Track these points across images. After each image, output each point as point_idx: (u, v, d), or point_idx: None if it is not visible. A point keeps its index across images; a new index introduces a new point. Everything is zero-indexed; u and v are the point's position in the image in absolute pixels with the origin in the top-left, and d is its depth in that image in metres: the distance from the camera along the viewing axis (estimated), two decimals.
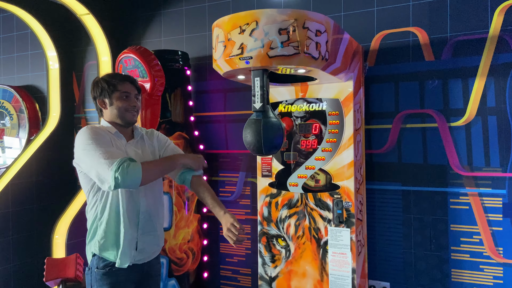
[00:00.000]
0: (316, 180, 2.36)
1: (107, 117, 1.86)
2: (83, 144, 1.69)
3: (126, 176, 1.60)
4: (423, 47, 2.54)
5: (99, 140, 1.70)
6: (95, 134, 1.72)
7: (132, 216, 1.80)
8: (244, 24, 1.79)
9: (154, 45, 3.37)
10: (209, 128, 3.20)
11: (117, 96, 1.82)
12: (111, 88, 1.82)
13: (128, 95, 1.83)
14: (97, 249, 1.80)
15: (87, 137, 1.70)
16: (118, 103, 1.82)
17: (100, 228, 1.80)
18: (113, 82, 1.82)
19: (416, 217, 2.58)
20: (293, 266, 2.43)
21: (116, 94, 1.82)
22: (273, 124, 1.89)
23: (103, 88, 1.83)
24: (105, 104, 1.84)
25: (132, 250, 1.81)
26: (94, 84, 1.87)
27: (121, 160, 1.63)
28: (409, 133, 2.59)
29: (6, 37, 4.09)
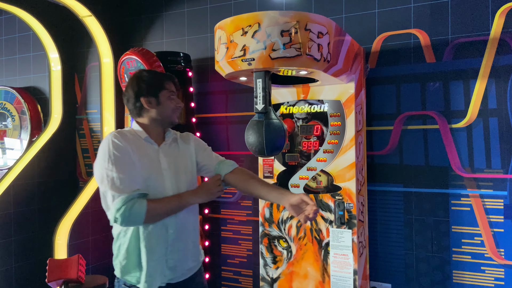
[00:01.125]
0: (318, 181, 2.36)
1: (148, 118, 1.67)
2: (101, 159, 1.53)
3: (127, 218, 1.47)
4: (424, 49, 2.55)
5: (118, 160, 1.51)
6: (116, 149, 1.53)
7: (160, 231, 1.59)
8: (246, 26, 1.79)
9: (156, 46, 3.38)
10: (211, 130, 3.20)
11: (166, 95, 1.67)
12: (159, 86, 1.66)
13: (174, 94, 1.70)
14: (119, 272, 1.64)
15: (106, 151, 1.53)
16: (168, 103, 1.67)
17: (122, 247, 1.61)
18: (161, 80, 1.68)
19: (417, 219, 2.58)
20: (294, 267, 2.43)
21: (164, 93, 1.66)
22: (275, 125, 1.89)
23: (150, 85, 1.65)
24: (150, 103, 1.65)
25: (163, 269, 1.59)
26: (137, 79, 1.67)
27: (128, 198, 1.46)
28: (411, 134, 2.60)
29: (8, 39, 4.10)
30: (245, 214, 3.09)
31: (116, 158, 1.51)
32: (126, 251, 1.60)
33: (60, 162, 3.59)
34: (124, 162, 1.52)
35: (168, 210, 1.58)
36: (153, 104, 1.65)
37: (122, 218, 1.46)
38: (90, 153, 3.71)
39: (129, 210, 1.45)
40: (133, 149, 1.57)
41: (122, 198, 1.45)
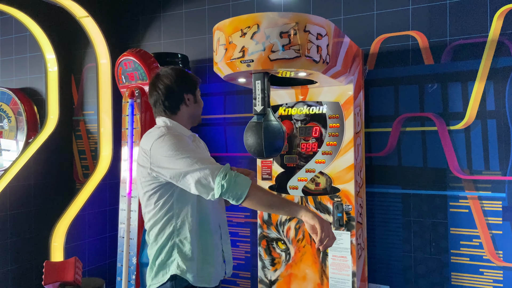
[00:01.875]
0: (316, 183, 2.35)
1: (184, 116, 1.67)
2: (174, 150, 1.49)
3: (234, 185, 1.42)
4: (423, 51, 2.55)
5: (190, 147, 1.53)
6: (182, 140, 1.54)
7: (216, 227, 1.67)
8: (245, 27, 1.79)
9: (154, 47, 3.37)
10: (209, 131, 3.19)
11: (199, 94, 1.73)
12: (196, 84, 1.71)
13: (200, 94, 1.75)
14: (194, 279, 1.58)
15: (175, 143, 1.51)
16: (200, 102, 1.73)
17: (185, 246, 1.57)
18: (196, 79, 1.72)
19: (416, 221, 2.58)
20: (293, 269, 2.42)
21: (198, 92, 1.72)
22: (274, 127, 1.89)
23: (192, 82, 1.69)
24: (189, 100, 1.68)
25: (221, 263, 1.67)
26: (182, 74, 1.68)
27: (227, 168, 1.46)
28: (409, 136, 2.60)
29: (5, 40, 4.08)
30: (243, 216, 3.08)
31: (189, 145, 1.54)
32: (190, 249, 1.56)
33: (57, 163, 3.56)
34: (196, 148, 1.59)
35: (271, 201, 1.48)
36: (191, 101, 1.69)
37: (228, 184, 1.41)
38: (87, 155, 3.69)
39: (234, 178, 1.43)
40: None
41: (222, 168, 1.45)
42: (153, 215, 1.60)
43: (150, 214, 1.61)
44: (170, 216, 1.58)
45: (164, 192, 1.58)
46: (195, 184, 1.46)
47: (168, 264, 1.59)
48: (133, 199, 2.67)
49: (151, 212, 1.61)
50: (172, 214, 1.58)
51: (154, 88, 1.68)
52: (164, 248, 1.59)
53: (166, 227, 1.59)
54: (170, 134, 1.55)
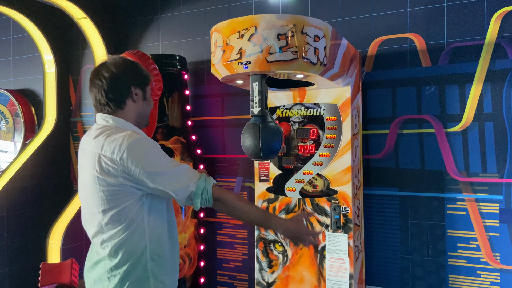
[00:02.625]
0: (314, 185, 2.35)
1: (130, 113, 1.47)
2: (157, 157, 1.40)
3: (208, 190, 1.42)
4: (420, 53, 2.55)
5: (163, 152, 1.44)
6: (154, 143, 1.44)
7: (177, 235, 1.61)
8: (243, 29, 1.79)
9: (152, 49, 3.37)
10: (207, 133, 3.19)
11: (150, 92, 1.53)
12: (148, 80, 1.50)
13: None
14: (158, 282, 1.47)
15: (156, 148, 1.42)
16: (150, 101, 1.53)
17: (161, 258, 1.47)
18: (149, 75, 1.53)
19: (413, 223, 2.58)
20: (290, 271, 2.42)
21: (149, 89, 1.52)
22: (272, 129, 1.89)
23: (143, 76, 1.48)
24: (137, 96, 1.46)
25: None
26: (132, 65, 1.48)
27: (203, 175, 1.44)
28: (406, 138, 2.60)
29: (3, 41, 4.07)
30: None
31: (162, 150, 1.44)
32: (164, 261, 1.48)
33: (54, 165, 3.56)
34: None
35: (245, 210, 1.48)
36: (140, 97, 1.48)
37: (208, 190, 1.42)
38: None
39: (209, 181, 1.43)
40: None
41: (202, 175, 1.43)
42: (118, 231, 1.40)
43: (113, 230, 1.40)
44: (142, 230, 1.42)
45: (133, 204, 1.41)
46: (182, 193, 1.40)
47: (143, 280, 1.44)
48: None
49: (114, 229, 1.40)
50: (144, 228, 1.42)
51: (97, 76, 1.43)
52: (137, 265, 1.43)
53: (138, 242, 1.42)
54: (141, 139, 1.40)
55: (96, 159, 1.37)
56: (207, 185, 1.42)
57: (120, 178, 1.36)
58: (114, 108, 1.45)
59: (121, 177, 1.36)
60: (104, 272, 1.42)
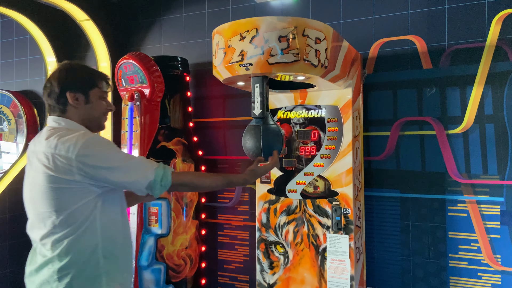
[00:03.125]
0: (315, 186, 2.36)
1: (73, 118, 1.48)
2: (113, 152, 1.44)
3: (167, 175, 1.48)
4: (421, 55, 2.56)
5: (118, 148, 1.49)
6: (107, 140, 1.49)
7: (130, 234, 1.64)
8: (244, 31, 1.80)
9: (154, 51, 3.38)
10: (208, 134, 3.20)
11: (97, 95, 1.51)
12: (91, 82, 1.49)
13: (105, 95, 1.56)
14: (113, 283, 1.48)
15: (110, 144, 1.46)
16: (99, 103, 1.52)
17: (114, 256, 1.49)
18: (93, 76, 1.52)
19: (414, 224, 2.58)
20: (291, 273, 2.42)
21: (95, 91, 1.50)
22: (273, 130, 1.89)
23: (80, 79, 1.48)
24: (78, 100, 1.47)
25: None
26: (66, 70, 1.48)
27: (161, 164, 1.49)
28: (407, 140, 2.60)
29: (5, 42, 4.10)
30: (242, 219, 3.08)
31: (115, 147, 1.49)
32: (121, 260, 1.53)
33: None
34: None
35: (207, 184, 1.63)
36: (81, 101, 1.48)
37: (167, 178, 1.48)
38: None
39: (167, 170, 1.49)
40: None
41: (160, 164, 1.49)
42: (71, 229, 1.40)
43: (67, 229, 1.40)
44: (93, 228, 1.43)
45: (88, 202, 1.42)
46: (144, 184, 1.44)
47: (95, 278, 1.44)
48: None
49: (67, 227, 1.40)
50: (96, 226, 1.43)
51: (47, 80, 1.50)
52: (88, 263, 1.42)
53: (89, 240, 1.43)
54: (95, 137, 1.43)
55: (50, 159, 1.37)
56: (165, 172, 1.47)
57: (76, 176, 1.37)
58: (60, 112, 1.48)
59: (77, 175, 1.37)
60: (53, 274, 1.40)
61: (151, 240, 2.70)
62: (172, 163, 2.82)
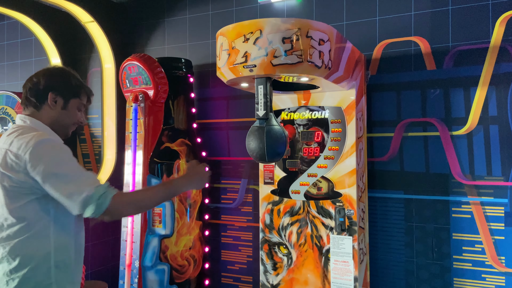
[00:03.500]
0: (318, 187, 2.36)
1: (44, 118, 1.50)
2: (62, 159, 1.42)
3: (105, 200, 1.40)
4: (425, 56, 2.56)
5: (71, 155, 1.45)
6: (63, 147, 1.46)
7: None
8: (248, 32, 1.81)
9: (158, 52, 3.40)
10: (212, 135, 3.21)
11: (76, 104, 1.55)
12: (75, 91, 1.54)
13: (83, 108, 1.60)
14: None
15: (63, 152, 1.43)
16: (74, 112, 1.55)
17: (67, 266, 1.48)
18: (80, 88, 1.56)
19: (418, 226, 2.58)
20: (295, 274, 2.42)
21: (75, 101, 1.54)
22: (276, 131, 1.90)
23: (68, 87, 1.52)
24: (55, 103, 1.50)
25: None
26: (59, 73, 1.55)
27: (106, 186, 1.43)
28: (411, 141, 2.60)
29: (11, 44, 4.13)
30: (246, 220, 3.09)
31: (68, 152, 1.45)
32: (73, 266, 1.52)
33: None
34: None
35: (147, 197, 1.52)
36: (58, 105, 1.51)
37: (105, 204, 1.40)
38: (91, 158, 3.72)
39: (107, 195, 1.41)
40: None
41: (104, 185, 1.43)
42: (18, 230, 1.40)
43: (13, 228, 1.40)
44: (46, 235, 1.42)
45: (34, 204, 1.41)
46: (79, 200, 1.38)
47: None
48: None
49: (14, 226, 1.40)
50: (49, 234, 1.42)
51: (29, 79, 1.53)
52: (38, 270, 1.41)
53: (40, 248, 1.42)
54: (47, 140, 1.41)
55: (3, 154, 1.40)
56: (107, 192, 1.40)
57: (21, 174, 1.37)
58: (33, 109, 1.50)
59: (22, 173, 1.37)
60: (3, 275, 1.40)
61: (155, 241, 2.71)
62: (176, 164, 2.83)
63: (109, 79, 3.38)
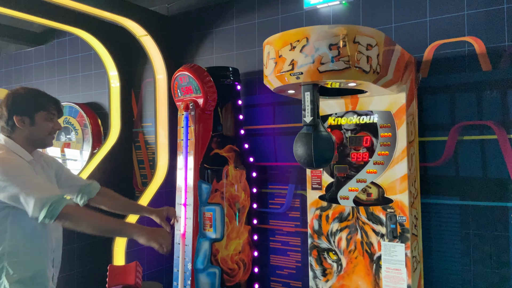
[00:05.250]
0: (368, 193, 2.33)
1: (21, 136, 1.66)
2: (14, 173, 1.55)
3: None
4: (480, 57, 2.45)
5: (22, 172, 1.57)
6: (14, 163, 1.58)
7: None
8: (294, 41, 1.84)
9: (207, 62, 3.51)
10: (259, 141, 3.26)
11: (43, 117, 1.67)
12: (36, 106, 1.65)
13: (53, 116, 1.69)
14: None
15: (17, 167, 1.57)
16: (44, 124, 1.67)
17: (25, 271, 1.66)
18: (39, 100, 1.67)
19: (475, 233, 2.46)
20: (345, 280, 2.40)
21: (41, 114, 1.66)
22: (324, 137, 1.91)
23: (26, 104, 1.65)
24: (24, 123, 1.64)
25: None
26: (13, 96, 1.66)
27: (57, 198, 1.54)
28: (467, 145, 2.49)
29: (72, 58, 4.44)
30: (293, 225, 3.10)
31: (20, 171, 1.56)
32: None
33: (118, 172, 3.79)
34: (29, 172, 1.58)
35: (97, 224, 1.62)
36: (27, 124, 1.64)
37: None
38: (145, 164, 3.90)
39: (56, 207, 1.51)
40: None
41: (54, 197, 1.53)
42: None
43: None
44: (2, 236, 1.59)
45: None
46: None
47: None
48: (188, 207, 2.79)
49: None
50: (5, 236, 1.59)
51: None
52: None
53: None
54: (7, 157, 1.57)
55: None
56: (60, 200, 1.51)
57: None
58: (8, 134, 1.67)
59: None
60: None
61: (206, 244, 2.79)
62: (225, 169, 2.90)
63: (162, 89, 3.53)
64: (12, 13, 3.10)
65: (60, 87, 4.54)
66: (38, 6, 3.15)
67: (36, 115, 1.66)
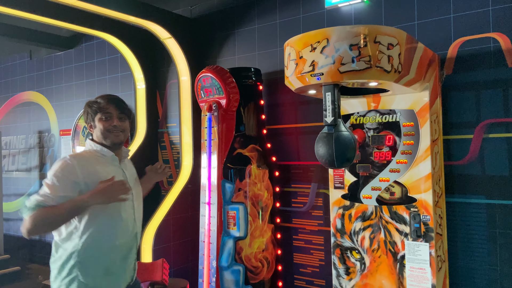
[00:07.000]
0: (391, 192, 2.32)
1: (96, 138, 1.94)
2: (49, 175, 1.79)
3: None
4: (506, 53, 2.39)
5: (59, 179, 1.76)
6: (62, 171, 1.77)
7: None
8: (315, 42, 1.85)
9: (229, 63, 3.56)
10: (281, 140, 3.29)
11: (99, 118, 1.89)
12: (95, 110, 1.89)
13: (108, 116, 1.88)
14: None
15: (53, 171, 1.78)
16: (99, 125, 1.89)
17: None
18: (98, 104, 1.90)
19: (502, 232, 2.41)
20: (368, 279, 2.40)
21: (98, 116, 1.89)
22: (345, 137, 1.92)
23: (89, 112, 1.91)
24: (91, 128, 1.94)
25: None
26: (84, 109, 1.96)
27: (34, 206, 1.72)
28: (493, 143, 2.44)
29: (100, 61, 4.58)
30: (316, 224, 3.12)
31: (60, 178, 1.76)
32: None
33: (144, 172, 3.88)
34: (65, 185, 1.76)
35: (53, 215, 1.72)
36: (93, 128, 1.92)
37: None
38: (171, 164, 3.99)
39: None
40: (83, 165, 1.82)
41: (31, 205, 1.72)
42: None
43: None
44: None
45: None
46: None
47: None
48: (212, 205, 2.85)
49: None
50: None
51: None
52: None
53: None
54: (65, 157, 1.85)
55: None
56: (32, 205, 1.70)
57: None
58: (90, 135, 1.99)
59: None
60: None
61: (230, 242, 2.84)
62: (248, 169, 2.94)
63: (185, 91, 3.60)
64: (43, 19, 3.24)
65: (89, 89, 4.69)
66: (68, 13, 3.28)
67: (95, 118, 1.90)
